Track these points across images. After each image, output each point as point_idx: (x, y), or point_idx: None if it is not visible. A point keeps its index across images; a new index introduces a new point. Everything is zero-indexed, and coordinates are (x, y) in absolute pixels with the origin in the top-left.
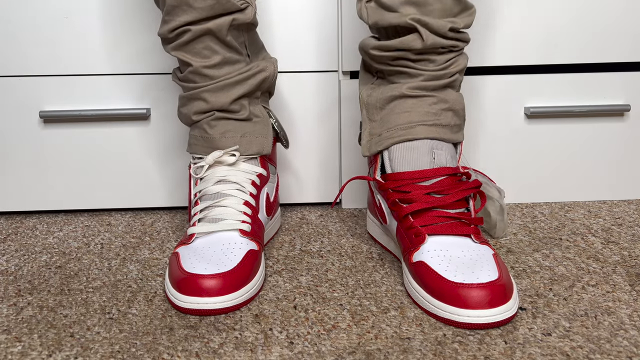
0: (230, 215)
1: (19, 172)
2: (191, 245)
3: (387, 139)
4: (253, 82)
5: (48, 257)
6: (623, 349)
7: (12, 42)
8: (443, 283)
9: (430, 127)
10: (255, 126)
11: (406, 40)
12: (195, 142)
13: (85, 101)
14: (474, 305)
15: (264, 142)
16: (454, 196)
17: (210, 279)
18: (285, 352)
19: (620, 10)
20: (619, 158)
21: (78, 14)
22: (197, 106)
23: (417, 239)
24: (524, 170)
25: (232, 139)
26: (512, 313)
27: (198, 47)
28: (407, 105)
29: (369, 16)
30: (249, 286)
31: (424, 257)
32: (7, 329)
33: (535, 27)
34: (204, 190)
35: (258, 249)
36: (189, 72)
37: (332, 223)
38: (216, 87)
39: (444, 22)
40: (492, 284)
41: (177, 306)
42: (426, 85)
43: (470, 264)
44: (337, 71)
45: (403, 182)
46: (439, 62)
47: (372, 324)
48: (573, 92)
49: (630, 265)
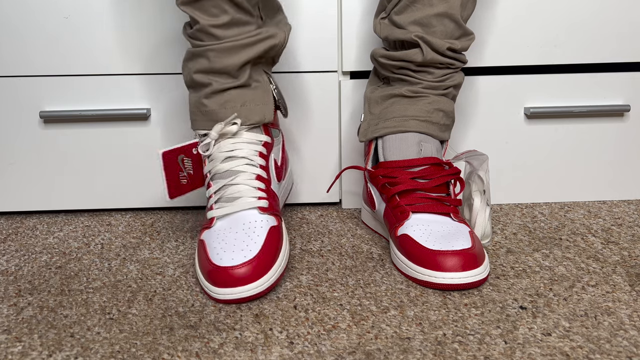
0: (246, 192)
1: (19, 172)
2: (213, 229)
3: (382, 128)
4: (260, 47)
5: (48, 257)
6: (623, 349)
7: (12, 42)
8: (423, 250)
9: (421, 122)
10: (255, 93)
11: (409, 53)
12: (195, 117)
13: (85, 101)
14: (448, 268)
15: (265, 109)
16: (436, 181)
17: (240, 269)
18: (285, 352)
19: (620, 10)
20: (619, 158)
21: (78, 14)
22: (200, 64)
23: (402, 215)
24: (524, 170)
25: (232, 109)
26: (483, 277)
27: (207, 4)
28: (404, 102)
29: (381, 30)
30: (277, 265)
31: (408, 230)
32: (8, 329)
33: (535, 27)
34: (213, 169)
35: (277, 223)
36: (197, 30)
37: (332, 223)
38: (221, 48)
39: (444, 42)
40: (465, 251)
41: (214, 298)
42: (422, 91)
43: (447, 236)
44: (337, 71)
45: (392, 168)
46: (436, 75)
47: (372, 324)
48: (573, 92)
49: (630, 265)
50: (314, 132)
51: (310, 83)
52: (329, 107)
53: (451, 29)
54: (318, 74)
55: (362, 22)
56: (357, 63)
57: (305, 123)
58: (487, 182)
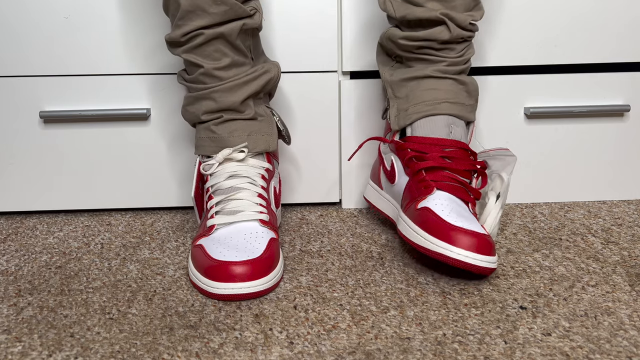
0: (247, 207)
1: (18, 172)
2: (213, 236)
3: (414, 114)
4: (259, 82)
5: (48, 257)
6: (623, 349)
7: (12, 42)
8: (443, 224)
9: (452, 104)
10: (261, 124)
11: (434, 32)
12: (203, 143)
13: (85, 101)
14: (465, 246)
15: (270, 139)
16: (464, 165)
17: (242, 265)
18: (285, 352)
19: (620, 10)
20: (619, 158)
21: (78, 14)
22: (207, 105)
23: (426, 190)
24: (524, 170)
25: (240, 138)
26: (494, 266)
27: (209, 49)
28: (432, 84)
29: (395, 10)
30: (275, 272)
31: (430, 204)
32: (7, 329)
33: (535, 27)
34: (216, 185)
35: (276, 237)
36: (200, 74)
37: (332, 223)
38: (225, 88)
39: (466, 16)
40: (484, 236)
41: (208, 293)
42: (447, 69)
43: (468, 218)
44: (337, 71)
45: (422, 144)
46: (457, 50)
47: (372, 324)
48: (573, 92)
49: (630, 265)
50: (314, 132)
51: (310, 83)
52: (329, 107)
53: (469, 0)
54: (318, 74)
55: (362, 22)
56: (357, 63)
57: (305, 123)
58: (508, 184)
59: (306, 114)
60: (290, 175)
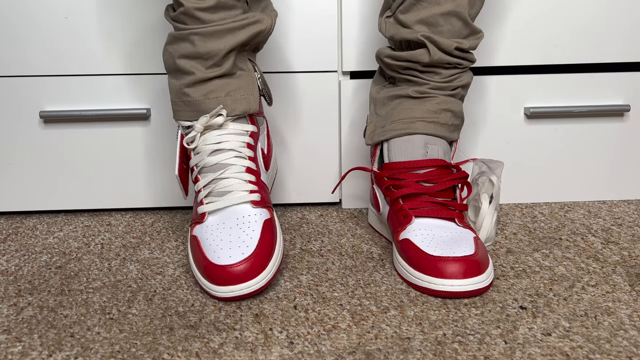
0: (237, 186)
1: (19, 172)
2: (205, 224)
3: (389, 131)
4: (246, 33)
5: (48, 257)
6: (623, 349)
7: (12, 42)
8: (423, 256)
9: (428, 124)
10: (240, 82)
11: (416, 54)
12: (178, 108)
13: (85, 101)
14: (449, 275)
15: (250, 99)
16: (441, 185)
17: (238, 266)
18: (285, 352)
19: (620, 10)
20: (619, 158)
21: (78, 14)
22: (184, 48)
23: (404, 219)
24: (524, 170)
25: (216, 100)
26: (485, 285)
27: None
28: (410, 103)
29: (386, 30)
30: (273, 259)
31: (409, 235)
32: (8, 329)
33: (535, 27)
34: (201, 162)
35: (270, 215)
36: (180, 13)
37: (332, 223)
38: (206, 32)
39: (451, 42)
40: (467, 258)
41: (213, 296)
42: (429, 91)
43: (450, 242)
44: (337, 71)
45: (397, 170)
46: (444, 75)
47: (372, 324)
48: (573, 92)
49: (630, 265)
50: (314, 133)
51: (310, 83)
52: (329, 107)
53: (459, 27)
54: (318, 74)
55: (362, 22)
56: (357, 63)
57: (305, 123)
58: (499, 187)
59: (306, 114)
60: (290, 175)
